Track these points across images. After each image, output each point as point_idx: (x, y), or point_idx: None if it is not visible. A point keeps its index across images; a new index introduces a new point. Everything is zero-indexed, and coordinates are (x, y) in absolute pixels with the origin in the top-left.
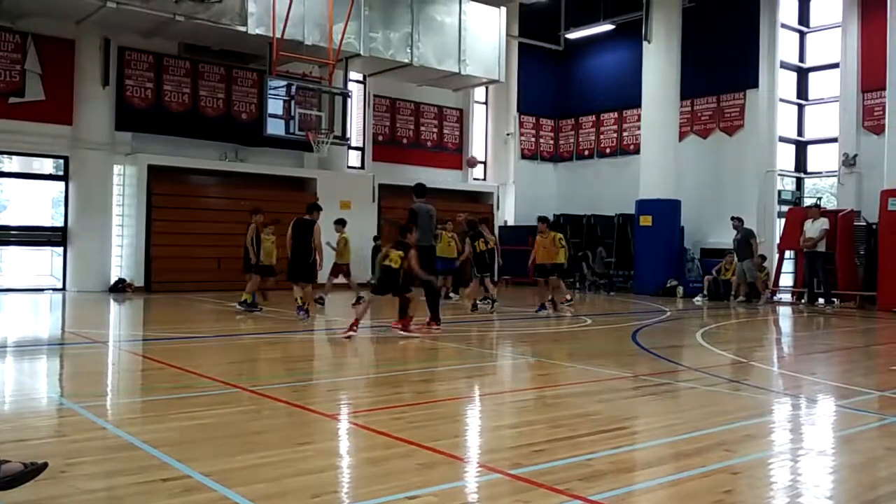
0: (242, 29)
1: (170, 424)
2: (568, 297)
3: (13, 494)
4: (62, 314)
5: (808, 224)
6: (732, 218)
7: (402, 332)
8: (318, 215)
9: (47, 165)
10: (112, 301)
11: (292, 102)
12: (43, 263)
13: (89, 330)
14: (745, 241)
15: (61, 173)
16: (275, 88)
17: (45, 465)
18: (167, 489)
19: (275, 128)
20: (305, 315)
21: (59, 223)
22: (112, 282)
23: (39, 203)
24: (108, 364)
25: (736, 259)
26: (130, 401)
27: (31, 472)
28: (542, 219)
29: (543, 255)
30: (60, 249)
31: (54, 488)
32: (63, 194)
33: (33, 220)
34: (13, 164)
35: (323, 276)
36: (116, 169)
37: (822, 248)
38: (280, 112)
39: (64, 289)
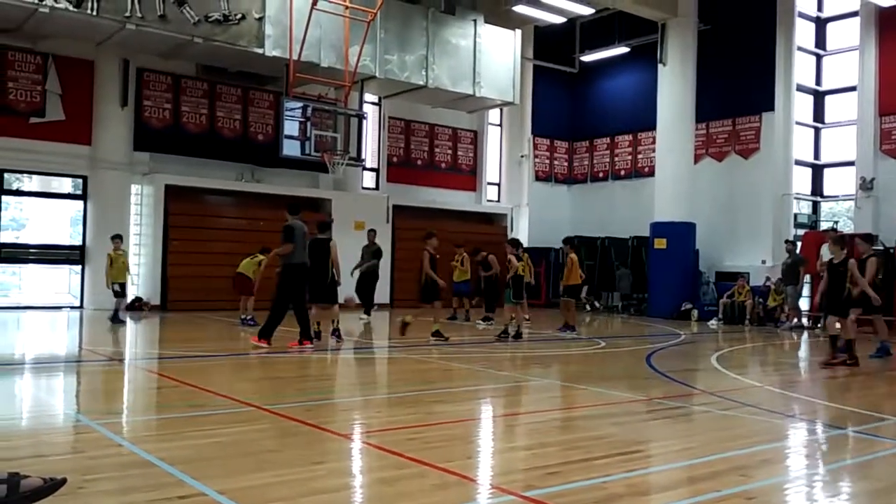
0: (259, 51)
1: (185, 442)
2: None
3: None
4: (79, 332)
5: (824, 248)
6: (786, 241)
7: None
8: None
9: (66, 185)
10: (129, 319)
11: (308, 124)
12: (61, 281)
13: (106, 348)
14: (795, 266)
15: (80, 192)
16: (291, 110)
17: (64, 480)
18: None
19: (291, 149)
20: (318, 339)
21: (78, 242)
22: (129, 300)
23: (58, 222)
24: (124, 381)
25: (782, 284)
26: (146, 418)
27: (51, 487)
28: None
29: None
30: (78, 268)
31: None
32: (81, 213)
33: (52, 239)
34: (33, 183)
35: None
36: (134, 189)
37: None
38: (296, 133)
39: (81, 307)
